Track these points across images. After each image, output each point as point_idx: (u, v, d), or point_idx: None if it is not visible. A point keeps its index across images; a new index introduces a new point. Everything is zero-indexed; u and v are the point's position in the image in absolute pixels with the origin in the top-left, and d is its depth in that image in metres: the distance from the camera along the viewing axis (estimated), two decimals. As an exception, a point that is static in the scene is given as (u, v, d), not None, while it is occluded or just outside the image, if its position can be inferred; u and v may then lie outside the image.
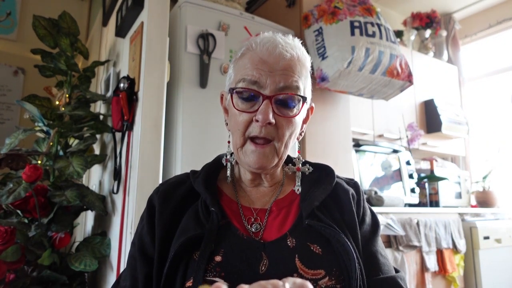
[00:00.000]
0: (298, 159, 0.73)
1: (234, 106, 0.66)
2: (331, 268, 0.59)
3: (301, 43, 0.70)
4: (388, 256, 0.70)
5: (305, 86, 0.67)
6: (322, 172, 0.74)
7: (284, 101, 0.64)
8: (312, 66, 0.71)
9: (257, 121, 0.63)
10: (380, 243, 0.70)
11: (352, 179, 0.77)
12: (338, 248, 0.60)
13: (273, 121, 0.62)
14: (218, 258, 0.59)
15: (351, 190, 0.71)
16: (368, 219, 0.71)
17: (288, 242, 0.62)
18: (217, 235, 0.62)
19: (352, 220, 0.67)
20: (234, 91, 0.65)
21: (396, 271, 0.68)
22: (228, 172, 0.74)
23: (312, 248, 0.61)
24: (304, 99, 0.66)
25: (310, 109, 0.75)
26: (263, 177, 0.71)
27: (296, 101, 0.65)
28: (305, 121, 0.74)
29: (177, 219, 0.67)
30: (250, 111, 0.64)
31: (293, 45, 0.66)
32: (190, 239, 0.61)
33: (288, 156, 0.76)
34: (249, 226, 0.66)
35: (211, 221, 0.63)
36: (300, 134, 0.73)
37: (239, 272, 0.58)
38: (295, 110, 0.65)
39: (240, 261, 0.59)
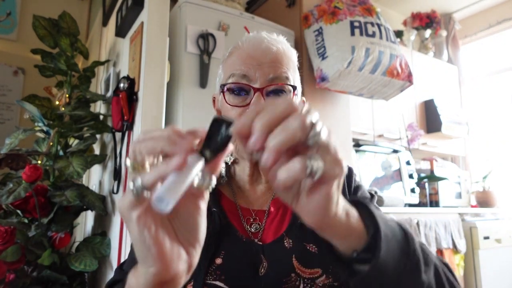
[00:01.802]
0: None
1: (226, 102, 0.66)
2: (328, 266, 0.59)
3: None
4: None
5: (294, 78, 0.68)
6: None
7: (275, 91, 0.65)
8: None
9: None
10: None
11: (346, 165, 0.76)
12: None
13: None
14: (218, 261, 0.59)
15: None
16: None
17: (285, 243, 0.62)
18: (218, 236, 0.62)
19: None
20: (225, 87, 0.66)
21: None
22: (224, 172, 0.73)
23: (308, 247, 0.62)
24: (295, 87, 0.67)
25: (302, 102, 0.74)
26: (262, 170, 0.71)
27: (287, 91, 0.65)
28: None
29: None
30: (243, 105, 0.65)
31: (278, 40, 0.69)
32: None
33: None
34: (248, 227, 0.66)
35: (213, 222, 0.63)
36: None
37: (239, 274, 0.58)
38: None
39: (240, 264, 0.59)
